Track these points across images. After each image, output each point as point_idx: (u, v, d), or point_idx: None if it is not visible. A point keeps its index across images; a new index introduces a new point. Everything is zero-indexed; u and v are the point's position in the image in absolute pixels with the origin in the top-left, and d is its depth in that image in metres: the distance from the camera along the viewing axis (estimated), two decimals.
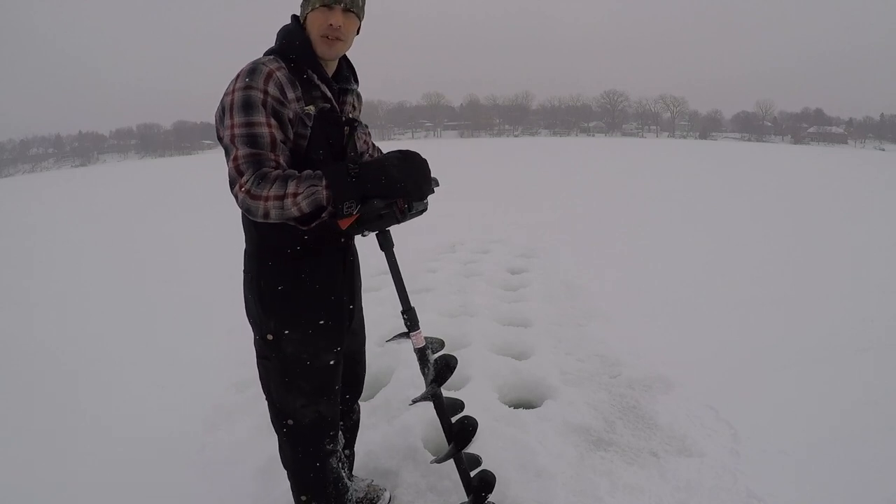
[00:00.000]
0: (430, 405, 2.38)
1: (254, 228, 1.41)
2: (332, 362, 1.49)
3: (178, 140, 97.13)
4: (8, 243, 7.85)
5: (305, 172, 1.25)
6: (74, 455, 2.24)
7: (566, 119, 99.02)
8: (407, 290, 1.53)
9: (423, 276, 4.64)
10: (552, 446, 2.13)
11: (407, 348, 3.04)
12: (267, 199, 1.21)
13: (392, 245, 1.44)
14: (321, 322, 1.45)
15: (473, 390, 2.50)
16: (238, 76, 1.29)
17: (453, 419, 1.54)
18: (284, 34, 1.39)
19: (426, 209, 1.40)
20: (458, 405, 1.61)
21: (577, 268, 4.86)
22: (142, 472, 2.08)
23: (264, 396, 1.53)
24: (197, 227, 8.13)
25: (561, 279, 4.50)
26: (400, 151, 1.34)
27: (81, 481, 2.06)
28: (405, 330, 1.51)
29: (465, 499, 1.61)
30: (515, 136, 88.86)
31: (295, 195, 1.21)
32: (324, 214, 1.28)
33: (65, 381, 2.96)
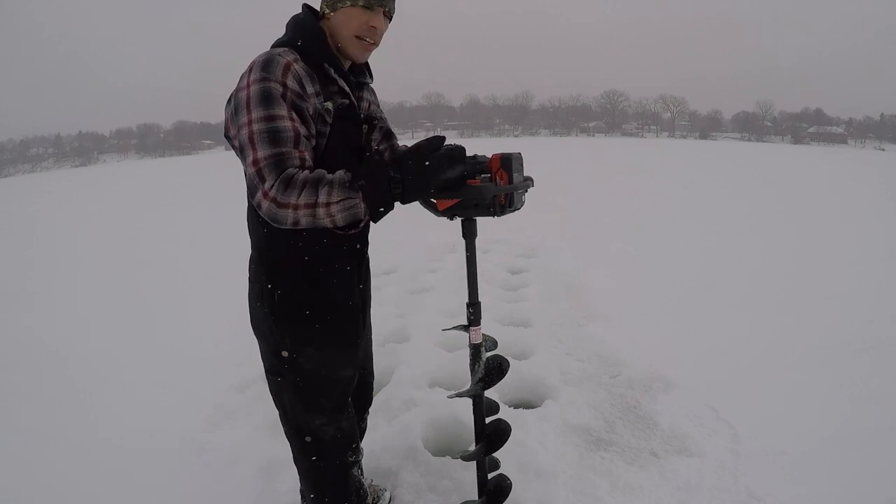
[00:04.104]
0: (431, 404, 2.40)
1: (262, 235, 1.29)
2: (350, 375, 1.43)
3: (178, 140, 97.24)
4: (8, 243, 7.85)
5: (337, 176, 1.11)
6: (74, 455, 2.24)
7: (566, 119, 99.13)
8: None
9: (423, 276, 4.63)
10: (552, 446, 2.13)
11: (407, 348, 3.05)
12: (296, 207, 1.08)
13: (475, 234, 1.36)
14: (339, 335, 1.37)
15: None
16: (251, 68, 1.16)
17: (487, 420, 1.49)
18: (296, 24, 1.26)
19: (522, 206, 1.31)
20: (494, 407, 1.55)
21: (577, 268, 4.85)
22: (141, 472, 2.08)
23: (267, 393, 1.47)
24: (197, 226, 8.13)
25: (561, 279, 4.50)
26: (449, 155, 1.16)
27: (81, 481, 2.06)
28: (457, 324, 1.47)
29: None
30: (515, 136, 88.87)
31: (328, 205, 1.08)
32: (361, 224, 1.19)
33: (65, 381, 2.96)
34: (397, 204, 1.15)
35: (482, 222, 1.36)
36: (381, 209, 1.12)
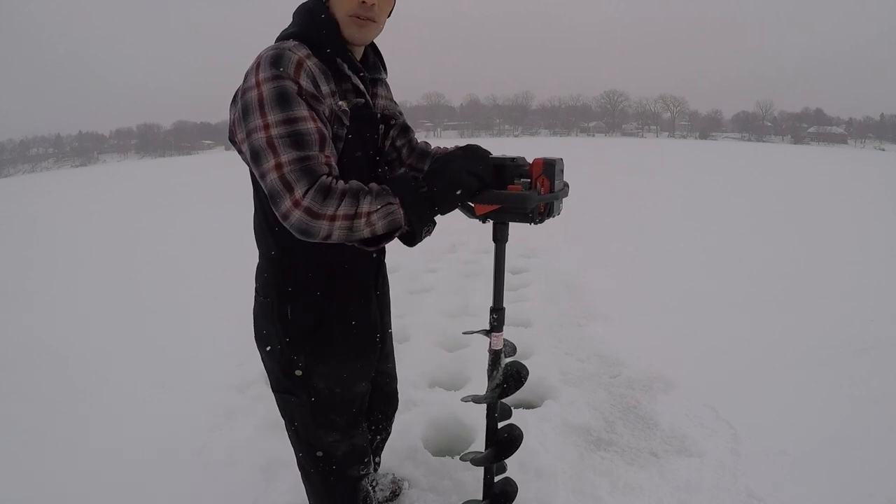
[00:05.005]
0: (431, 404, 2.40)
1: (273, 244, 1.20)
2: (364, 390, 1.38)
3: (178, 140, 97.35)
4: (8, 243, 7.85)
5: (373, 186, 1.06)
6: (73, 455, 2.24)
7: (566, 119, 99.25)
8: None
9: (423, 276, 4.64)
10: (552, 446, 2.13)
11: (407, 348, 3.05)
12: (334, 218, 1.00)
13: (507, 239, 1.31)
14: (357, 349, 1.31)
15: (473, 390, 2.50)
16: (258, 65, 1.05)
17: (500, 424, 1.46)
18: (304, 13, 1.15)
19: (559, 214, 1.27)
20: (507, 412, 1.52)
21: (577, 268, 4.86)
22: (141, 472, 2.08)
23: (268, 393, 1.48)
24: (197, 226, 8.13)
25: (561, 279, 4.50)
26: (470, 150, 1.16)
27: (80, 481, 2.06)
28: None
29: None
30: (515, 136, 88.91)
31: (369, 214, 1.01)
32: (397, 234, 1.10)
33: (64, 381, 2.96)
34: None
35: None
36: (417, 208, 1.06)
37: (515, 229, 1.30)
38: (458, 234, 6.29)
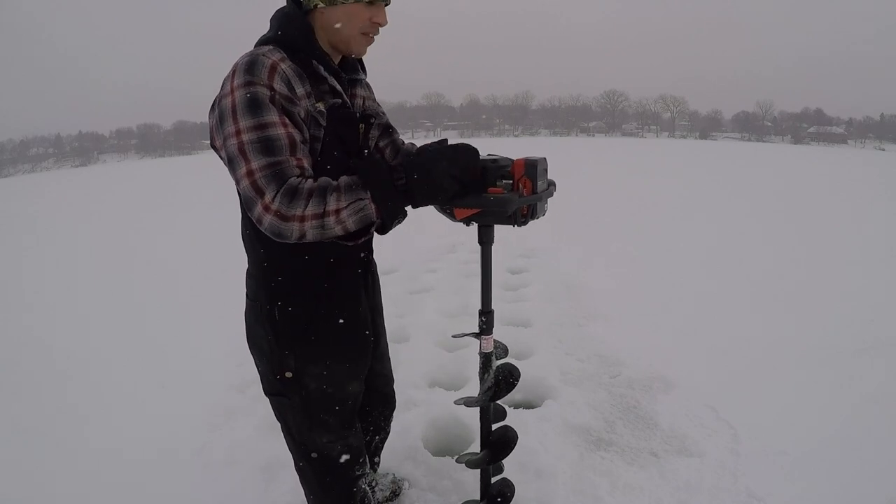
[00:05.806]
0: (431, 404, 2.40)
1: (260, 247, 1.22)
2: (357, 390, 1.37)
3: (178, 140, 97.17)
4: (8, 243, 7.85)
5: (342, 181, 1.05)
6: (72, 456, 2.24)
7: (566, 119, 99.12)
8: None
9: (423, 276, 4.64)
10: (552, 446, 2.13)
11: (407, 348, 3.05)
12: (304, 219, 1.01)
13: (492, 241, 1.29)
14: (347, 349, 1.31)
15: (473, 391, 2.50)
16: (234, 72, 1.07)
17: (494, 426, 1.45)
18: (282, 19, 1.16)
19: (545, 215, 1.24)
20: (502, 413, 1.51)
21: (578, 268, 4.86)
22: (141, 473, 2.08)
23: (263, 395, 1.43)
24: (197, 226, 8.12)
25: (561, 279, 4.50)
26: (449, 157, 1.10)
27: (79, 482, 2.06)
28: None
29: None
30: (515, 136, 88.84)
31: (337, 211, 1.02)
32: (373, 228, 1.10)
33: (64, 381, 2.96)
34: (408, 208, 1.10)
35: None
36: (389, 203, 1.04)
37: (512, 229, 1.30)
38: (458, 234, 6.29)
